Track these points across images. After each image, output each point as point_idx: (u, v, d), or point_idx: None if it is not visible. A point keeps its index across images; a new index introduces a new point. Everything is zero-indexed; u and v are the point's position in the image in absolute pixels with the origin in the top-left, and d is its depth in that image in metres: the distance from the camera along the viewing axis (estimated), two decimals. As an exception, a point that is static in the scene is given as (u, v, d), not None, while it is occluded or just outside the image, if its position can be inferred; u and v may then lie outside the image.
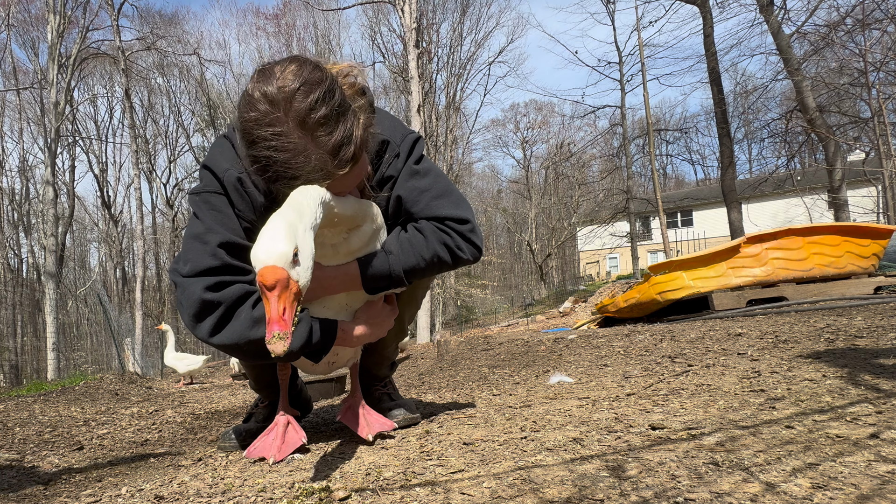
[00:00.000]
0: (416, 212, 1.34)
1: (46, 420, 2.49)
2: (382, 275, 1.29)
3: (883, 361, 1.58)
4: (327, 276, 1.25)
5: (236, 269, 1.21)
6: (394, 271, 1.29)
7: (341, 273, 1.26)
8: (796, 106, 11.43)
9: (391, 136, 1.38)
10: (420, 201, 1.34)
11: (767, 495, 0.70)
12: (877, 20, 10.00)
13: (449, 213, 1.34)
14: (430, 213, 1.34)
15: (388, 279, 1.29)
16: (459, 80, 24.93)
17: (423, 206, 1.34)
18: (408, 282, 1.32)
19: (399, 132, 1.39)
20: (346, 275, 1.27)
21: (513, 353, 3.46)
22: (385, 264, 1.29)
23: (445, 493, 0.82)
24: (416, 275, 1.32)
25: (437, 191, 1.37)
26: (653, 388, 1.62)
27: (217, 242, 1.19)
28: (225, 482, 1.05)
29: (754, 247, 4.40)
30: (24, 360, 14.54)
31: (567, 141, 29.54)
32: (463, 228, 1.34)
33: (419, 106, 10.77)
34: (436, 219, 1.34)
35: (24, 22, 21.23)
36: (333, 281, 1.27)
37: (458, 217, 1.34)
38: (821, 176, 14.16)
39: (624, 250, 27.78)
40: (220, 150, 1.31)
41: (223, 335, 1.16)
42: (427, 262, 1.32)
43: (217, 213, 1.24)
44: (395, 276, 1.29)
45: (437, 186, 1.38)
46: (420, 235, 1.32)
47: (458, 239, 1.33)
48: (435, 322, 19.08)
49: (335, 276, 1.26)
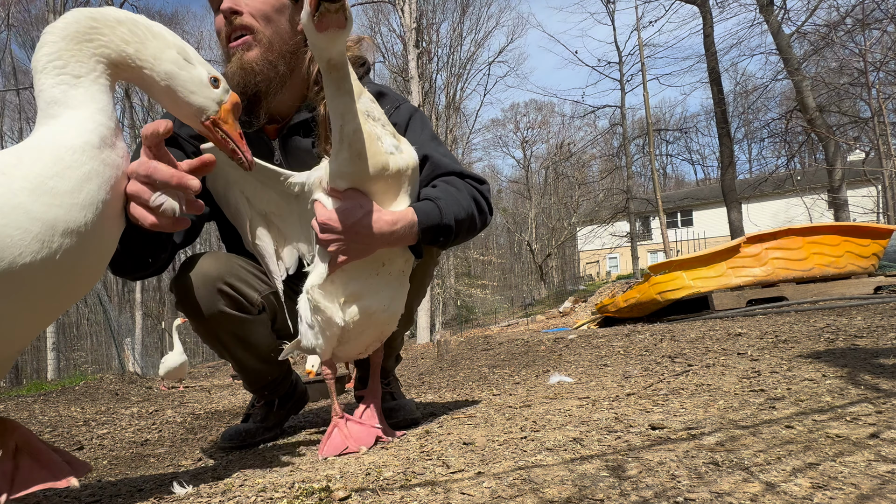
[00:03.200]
0: (442, 166, 1.35)
1: (46, 420, 2.49)
2: (436, 223, 1.18)
3: (883, 361, 1.58)
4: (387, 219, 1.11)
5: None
6: (446, 219, 1.20)
7: (400, 216, 1.13)
8: (796, 106, 11.43)
9: (389, 93, 1.43)
10: (444, 159, 1.37)
11: (767, 495, 0.70)
12: (877, 20, 10.00)
13: (469, 173, 1.37)
14: (453, 168, 1.35)
15: (440, 229, 1.20)
16: (459, 79, 24.96)
17: (448, 162, 1.37)
18: (455, 234, 1.24)
19: (400, 97, 1.45)
20: (405, 218, 1.14)
21: (513, 353, 3.46)
22: (436, 211, 1.19)
23: (445, 493, 0.82)
24: (461, 227, 1.25)
25: (452, 157, 1.42)
26: (653, 387, 1.62)
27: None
28: (225, 482, 1.05)
29: (754, 247, 4.40)
30: (24, 360, 14.53)
31: (567, 141, 29.55)
32: (483, 188, 1.37)
33: (419, 106, 10.77)
34: (458, 174, 1.34)
35: (24, 22, 21.23)
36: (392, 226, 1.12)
37: (477, 177, 1.37)
38: (821, 176, 14.15)
39: (624, 250, 27.77)
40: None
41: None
42: (466, 213, 1.26)
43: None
44: (447, 225, 1.20)
45: (450, 154, 1.44)
46: (453, 188, 1.29)
47: (481, 198, 1.35)
48: (435, 322, 19.08)
49: (395, 220, 1.12)
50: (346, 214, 1.09)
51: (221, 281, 1.31)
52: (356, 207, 1.09)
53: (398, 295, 1.27)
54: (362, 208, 1.09)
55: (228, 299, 1.32)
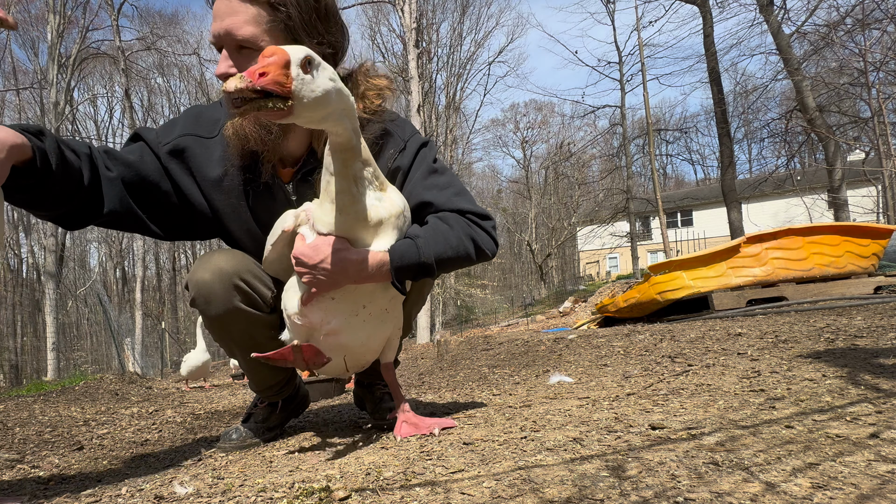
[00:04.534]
0: (439, 205, 1.35)
1: (46, 420, 2.49)
2: (412, 262, 1.22)
3: (883, 361, 1.58)
4: (353, 258, 1.17)
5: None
6: (423, 257, 1.22)
7: (369, 256, 1.18)
8: (796, 106, 11.42)
9: (396, 131, 1.41)
10: (441, 196, 1.36)
11: (767, 495, 0.70)
12: (877, 20, 9.99)
13: (471, 208, 1.36)
14: (452, 206, 1.35)
15: (418, 267, 1.22)
16: (459, 79, 24.96)
17: (445, 199, 1.35)
18: (436, 272, 1.26)
19: (408, 131, 1.43)
20: (374, 258, 1.18)
21: (513, 353, 3.46)
22: (413, 249, 1.22)
23: (445, 493, 0.82)
24: (444, 265, 1.27)
25: (457, 188, 1.40)
26: (653, 387, 1.62)
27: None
28: (225, 482, 1.05)
29: (754, 247, 4.40)
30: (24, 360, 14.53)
31: (567, 141, 29.54)
32: (486, 224, 1.36)
33: (419, 106, 10.77)
34: (458, 211, 1.34)
35: (24, 22, 21.20)
36: (359, 265, 1.17)
37: (480, 212, 1.36)
38: (821, 176, 14.16)
39: (624, 250, 27.77)
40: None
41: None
42: (454, 251, 1.28)
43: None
44: (425, 264, 1.23)
45: (456, 184, 1.41)
46: (445, 224, 1.30)
47: (482, 233, 1.35)
48: (435, 322, 19.08)
49: (362, 260, 1.17)
50: (316, 251, 1.17)
51: (237, 277, 1.34)
52: (325, 245, 1.17)
53: (378, 332, 1.32)
54: (331, 247, 1.16)
55: (243, 295, 1.35)
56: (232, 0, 1.21)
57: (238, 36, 1.21)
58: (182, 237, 1.49)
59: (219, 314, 1.34)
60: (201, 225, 1.45)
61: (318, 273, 1.17)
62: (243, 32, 1.21)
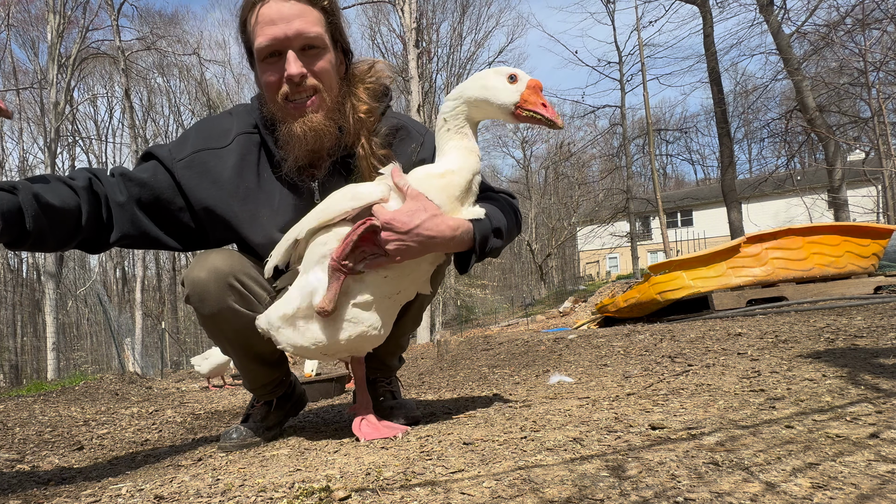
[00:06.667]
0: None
1: (46, 420, 2.49)
2: (488, 230, 1.26)
3: (883, 361, 1.58)
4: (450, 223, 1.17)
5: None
6: (496, 223, 1.27)
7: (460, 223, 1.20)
8: (796, 106, 11.43)
9: (410, 125, 1.49)
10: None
11: (767, 495, 0.70)
12: (877, 20, 9.99)
13: (500, 188, 1.45)
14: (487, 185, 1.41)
15: (494, 233, 1.27)
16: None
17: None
18: (504, 241, 1.32)
19: (419, 125, 1.52)
20: (464, 224, 1.20)
21: (513, 353, 3.46)
22: (486, 220, 1.26)
23: (445, 493, 0.82)
24: (508, 235, 1.33)
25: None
26: (653, 387, 1.62)
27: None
28: (225, 482, 1.05)
29: (754, 247, 4.40)
30: (24, 360, 14.53)
31: (567, 141, 29.50)
32: (514, 202, 1.44)
33: (419, 106, 10.77)
34: (492, 190, 1.42)
35: (24, 22, 21.22)
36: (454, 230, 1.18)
37: (508, 192, 1.45)
38: (821, 176, 14.15)
39: (624, 250, 27.76)
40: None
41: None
42: (510, 222, 1.34)
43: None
44: (499, 230, 1.28)
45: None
46: (492, 201, 1.36)
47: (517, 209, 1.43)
48: (435, 322, 19.07)
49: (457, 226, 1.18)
50: (411, 216, 1.15)
51: (233, 277, 1.34)
52: (421, 210, 1.15)
53: (390, 322, 1.33)
54: (426, 211, 1.16)
55: (238, 295, 1.35)
56: (295, 3, 1.27)
57: (311, 34, 1.28)
58: (199, 247, 1.52)
59: (212, 313, 1.35)
60: (217, 234, 1.47)
61: (411, 239, 1.15)
62: (315, 31, 1.28)
